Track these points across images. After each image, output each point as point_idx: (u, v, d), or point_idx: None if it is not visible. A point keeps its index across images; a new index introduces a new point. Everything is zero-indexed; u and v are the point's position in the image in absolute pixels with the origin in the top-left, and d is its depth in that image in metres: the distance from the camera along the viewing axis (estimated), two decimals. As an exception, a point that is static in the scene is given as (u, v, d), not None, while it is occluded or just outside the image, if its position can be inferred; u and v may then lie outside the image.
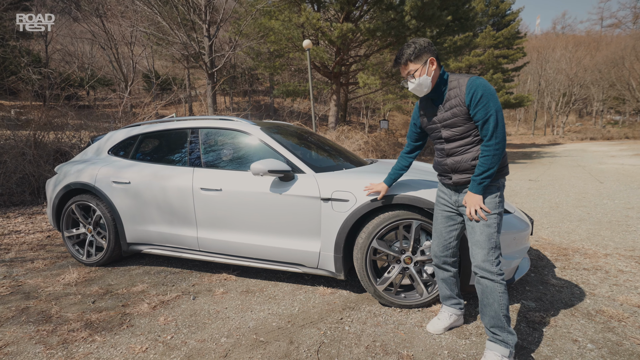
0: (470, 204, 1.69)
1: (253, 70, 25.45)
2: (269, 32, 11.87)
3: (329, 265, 2.41)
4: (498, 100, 1.60)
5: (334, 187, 2.33)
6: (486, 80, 1.64)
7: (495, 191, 1.69)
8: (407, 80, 1.75)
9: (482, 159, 1.62)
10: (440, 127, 1.79)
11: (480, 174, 1.63)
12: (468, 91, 1.61)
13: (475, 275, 1.72)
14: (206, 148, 2.87)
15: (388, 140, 16.07)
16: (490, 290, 1.65)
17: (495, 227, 1.67)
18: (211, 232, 2.70)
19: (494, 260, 1.66)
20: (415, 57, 1.69)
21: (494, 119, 1.58)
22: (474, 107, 1.61)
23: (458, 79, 1.68)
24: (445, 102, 1.72)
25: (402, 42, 12.63)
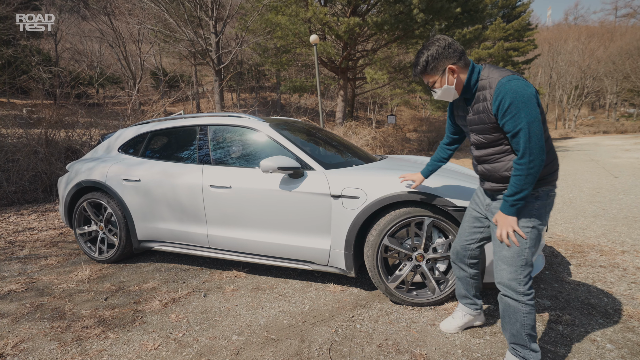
0: (501, 225, 1.50)
1: (260, 67, 25.42)
2: (275, 28, 11.82)
3: (339, 262, 2.39)
4: (534, 107, 1.35)
5: (344, 184, 2.31)
6: (523, 80, 1.37)
7: (532, 200, 1.48)
8: (431, 89, 1.62)
9: (514, 179, 1.41)
10: (469, 130, 1.66)
11: (512, 195, 1.43)
12: (495, 97, 1.39)
13: (499, 290, 1.59)
14: (215, 145, 2.86)
15: (396, 136, 15.91)
16: (513, 310, 1.51)
17: (527, 242, 1.47)
18: (221, 229, 2.70)
19: (522, 279, 1.48)
20: (431, 69, 1.53)
21: (525, 133, 1.34)
22: (501, 117, 1.40)
23: (489, 79, 1.45)
24: (474, 104, 1.53)
25: (410, 35, 12.48)
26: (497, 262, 1.57)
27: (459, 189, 2.14)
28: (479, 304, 1.94)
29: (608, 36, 42.23)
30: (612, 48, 38.21)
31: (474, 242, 1.81)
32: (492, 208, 1.67)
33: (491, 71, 1.48)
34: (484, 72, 1.51)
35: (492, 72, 1.47)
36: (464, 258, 1.85)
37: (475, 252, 1.83)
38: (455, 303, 2.23)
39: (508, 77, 1.39)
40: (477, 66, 1.53)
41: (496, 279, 1.58)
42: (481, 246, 1.82)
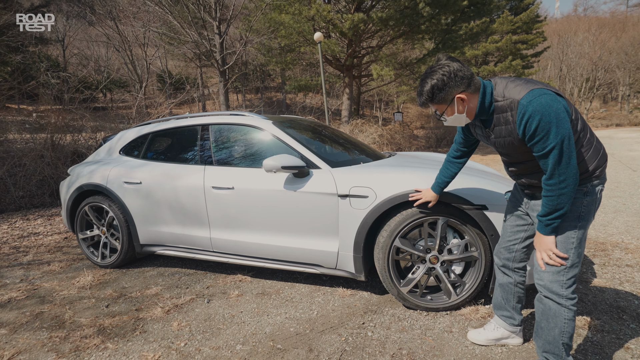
0: (539, 247, 1.37)
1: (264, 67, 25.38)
2: (279, 27, 11.72)
3: (348, 265, 2.27)
4: (563, 123, 1.20)
5: (351, 183, 2.18)
6: (546, 93, 1.22)
7: (580, 197, 1.34)
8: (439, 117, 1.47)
9: (546, 199, 1.30)
10: (495, 148, 1.52)
11: (546, 215, 1.31)
12: (520, 122, 1.26)
13: (538, 292, 1.45)
14: (217, 145, 2.76)
15: (403, 133, 15.72)
16: (554, 314, 1.37)
17: (573, 242, 1.34)
18: (224, 232, 2.60)
19: (565, 281, 1.34)
20: (438, 100, 1.38)
21: (556, 154, 1.22)
22: (528, 140, 1.27)
23: (507, 100, 1.30)
24: (494, 128, 1.40)
25: (415, 31, 12.26)
26: (538, 261, 1.42)
27: (474, 186, 2.00)
28: (518, 319, 1.74)
29: (620, 26, 41.26)
30: (624, 38, 37.32)
31: (519, 241, 1.64)
32: (532, 205, 1.53)
33: (507, 89, 1.33)
34: (498, 90, 1.36)
35: (508, 91, 1.32)
36: (508, 262, 1.68)
37: (521, 254, 1.65)
38: (473, 308, 2.09)
39: (529, 95, 1.24)
40: (488, 86, 1.38)
41: (536, 279, 1.44)
42: (528, 247, 1.65)
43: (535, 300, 1.47)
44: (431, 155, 3.21)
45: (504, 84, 1.35)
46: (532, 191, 1.51)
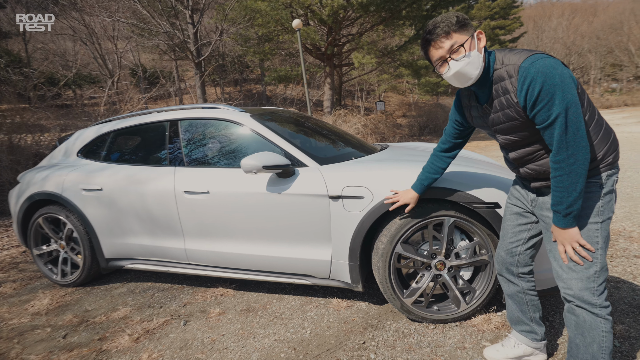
0: (561, 241, 1.19)
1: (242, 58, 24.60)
2: (255, 15, 11.19)
3: (343, 275, 2.01)
4: (570, 88, 1.05)
5: (344, 182, 1.91)
6: (549, 57, 1.08)
7: (596, 190, 1.17)
8: (442, 64, 1.21)
9: (555, 181, 1.12)
10: (493, 132, 1.32)
11: (560, 204, 1.13)
12: (521, 86, 1.10)
13: (566, 302, 1.24)
14: (188, 143, 2.43)
15: (386, 122, 15.57)
16: (589, 327, 1.18)
17: (598, 242, 1.16)
18: (200, 242, 2.29)
19: (597, 287, 1.16)
20: (461, 26, 1.17)
21: (563, 122, 1.06)
22: (531, 108, 1.11)
23: (507, 66, 1.15)
24: (493, 101, 1.23)
25: (396, 17, 11.99)
26: (562, 269, 1.22)
27: (484, 181, 1.76)
28: (540, 333, 1.52)
29: (591, 11, 42.25)
30: (596, 23, 38.25)
31: (521, 242, 1.43)
32: (540, 203, 1.32)
33: (506, 56, 1.17)
34: (497, 58, 1.19)
35: (507, 57, 1.16)
36: (511, 267, 1.47)
37: (524, 257, 1.45)
38: (485, 317, 1.87)
39: (531, 59, 1.09)
40: (490, 52, 1.22)
41: (563, 289, 1.22)
42: (532, 248, 1.44)
43: (565, 312, 1.25)
44: (425, 146, 2.96)
45: (503, 52, 1.20)
46: (540, 184, 1.28)
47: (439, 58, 1.21)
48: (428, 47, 1.23)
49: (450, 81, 1.23)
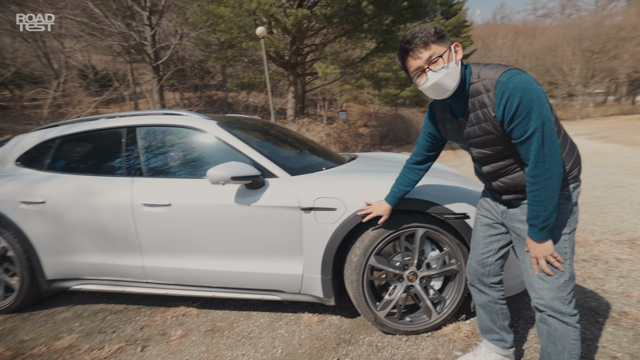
0: (535, 253, 1.21)
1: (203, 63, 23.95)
2: (218, 20, 10.96)
3: (314, 289, 1.95)
4: (544, 104, 1.08)
5: (317, 193, 1.86)
6: (525, 73, 1.11)
7: (564, 202, 1.22)
8: (420, 74, 1.20)
9: (532, 195, 1.14)
10: (467, 145, 1.33)
11: (537, 217, 1.15)
12: (499, 100, 1.11)
13: (537, 312, 1.28)
14: (148, 152, 2.26)
15: (349, 132, 15.84)
16: (560, 336, 1.22)
17: (567, 252, 1.21)
18: (161, 258, 2.12)
19: (566, 297, 1.20)
20: (439, 37, 1.16)
21: (539, 138, 1.08)
22: (508, 123, 1.12)
23: (484, 80, 1.16)
24: (468, 115, 1.23)
25: (359, 29, 12.31)
26: (533, 279, 1.26)
27: (453, 192, 1.80)
28: (509, 340, 1.55)
29: (531, 34, 46.45)
30: (535, 44, 42.01)
31: (492, 253, 1.47)
32: (510, 215, 1.35)
33: (482, 70, 1.18)
34: (473, 71, 1.20)
35: (483, 72, 1.18)
36: (483, 277, 1.50)
37: (495, 267, 1.48)
38: (454, 325, 1.90)
39: (508, 74, 1.11)
40: (466, 65, 1.23)
41: (535, 299, 1.26)
42: (502, 258, 1.48)
43: (537, 322, 1.29)
44: (393, 157, 3.01)
45: (479, 67, 1.21)
46: (511, 197, 1.32)
47: (416, 68, 1.20)
48: (406, 57, 1.21)
49: (427, 92, 1.22)
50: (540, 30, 49.78)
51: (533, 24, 60.32)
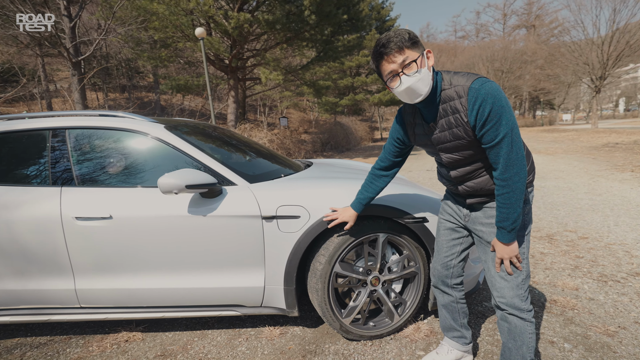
0: (503, 255, 1.28)
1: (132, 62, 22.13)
2: (151, 17, 10.22)
3: (277, 301, 1.87)
4: (511, 110, 1.16)
5: (279, 201, 1.80)
6: (493, 82, 1.18)
7: (524, 205, 1.31)
8: (394, 78, 1.22)
9: (502, 198, 1.21)
10: (436, 151, 1.38)
11: (506, 220, 1.22)
12: (472, 106, 1.16)
13: (499, 310, 1.37)
14: (81, 158, 1.98)
15: (292, 138, 15.85)
16: (520, 332, 1.31)
17: (524, 252, 1.31)
18: (98, 279, 1.86)
19: (523, 294, 1.30)
20: (413, 42, 1.19)
21: (508, 143, 1.15)
22: (480, 128, 1.18)
23: (455, 87, 1.21)
24: (439, 120, 1.28)
25: (301, 38, 12.45)
26: (495, 279, 1.34)
27: (412, 198, 1.87)
28: (468, 336, 1.65)
29: (453, 52, 51.50)
30: (457, 62, 46.55)
31: (455, 256, 1.55)
32: (473, 218, 1.43)
33: (453, 77, 1.25)
34: (445, 78, 1.26)
35: (455, 79, 1.24)
36: (446, 279, 1.58)
37: (458, 269, 1.57)
38: (414, 326, 1.97)
39: (479, 81, 1.18)
40: (437, 72, 1.30)
41: (496, 297, 1.35)
42: (464, 260, 1.57)
43: (498, 320, 1.39)
44: (347, 163, 3.06)
45: (450, 74, 1.27)
46: (475, 200, 1.41)
47: (390, 72, 1.22)
48: (381, 61, 1.23)
49: (400, 96, 1.25)
50: (460, 49, 55.49)
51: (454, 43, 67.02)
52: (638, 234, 3.33)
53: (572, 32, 23.36)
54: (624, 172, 6.89)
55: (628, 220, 3.77)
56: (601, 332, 1.87)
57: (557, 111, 47.45)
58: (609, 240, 3.22)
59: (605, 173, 6.90)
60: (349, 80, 26.37)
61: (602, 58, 20.91)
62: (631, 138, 13.53)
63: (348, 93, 28.24)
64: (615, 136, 15.00)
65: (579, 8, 23.47)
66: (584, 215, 4.07)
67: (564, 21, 33.11)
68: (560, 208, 4.46)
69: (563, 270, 2.66)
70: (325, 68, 21.90)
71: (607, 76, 21.46)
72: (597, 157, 9.31)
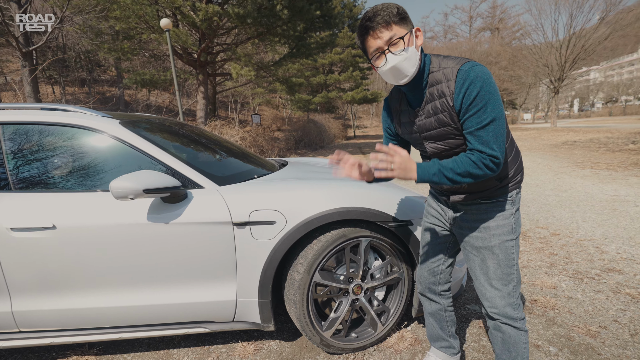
0: (396, 166, 1.08)
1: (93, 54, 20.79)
2: (112, 6, 9.56)
3: (251, 315, 1.70)
4: (500, 100, 1.07)
5: (252, 206, 1.63)
6: (485, 67, 1.08)
7: (509, 207, 1.23)
8: (379, 56, 1.12)
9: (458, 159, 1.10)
10: (421, 139, 1.27)
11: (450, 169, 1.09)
12: (459, 88, 1.07)
13: (490, 320, 1.29)
14: (18, 158, 1.70)
15: (265, 136, 15.52)
16: (514, 342, 1.24)
17: (513, 257, 1.23)
18: (41, 299, 1.61)
19: (515, 302, 1.23)
20: (401, 18, 1.09)
21: (493, 129, 1.06)
22: (464, 112, 1.08)
23: (444, 69, 1.12)
24: (425, 105, 1.18)
25: (273, 33, 12.15)
26: (485, 287, 1.26)
27: (396, 200, 1.76)
28: (457, 346, 1.56)
29: (423, 52, 52.66)
30: (426, 62, 47.67)
31: (442, 261, 1.46)
32: (459, 222, 1.34)
33: (442, 60, 1.15)
34: (434, 62, 1.16)
35: (444, 62, 1.14)
36: (434, 286, 1.48)
37: (445, 275, 1.47)
38: (398, 335, 1.86)
39: (470, 64, 1.08)
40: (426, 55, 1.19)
41: (487, 307, 1.26)
42: (451, 265, 1.47)
43: (491, 330, 1.30)
44: (322, 162, 2.92)
45: (439, 57, 1.17)
46: (458, 198, 1.29)
47: (376, 49, 1.12)
48: (366, 36, 1.12)
49: (385, 76, 1.15)
50: (429, 50, 56.92)
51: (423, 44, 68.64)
52: (605, 230, 3.44)
53: (533, 35, 24.55)
54: (584, 168, 7.24)
55: (594, 216, 3.90)
56: (584, 332, 1.85)
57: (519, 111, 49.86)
58: (579, 237, 3.29)
59: (568, 170, 7.21)
60: (321, 78, 26.28)
61: (560, 61, 22.08)
62: (587, 136, 14.38)
63: (321, 90, 28.13)
64: (573, 134, 15.89)
65: (539, 12, 24.58)
66: (552, 212, 4.18)
67: (526, 24, 34.73)
68: (530, 205, 4.57)
69: (540, 269, 2.67)
70: (298, 65, 21.66)
71: (565, 78, 22.70)
72: (558, 155, 9.76)
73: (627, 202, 4.42)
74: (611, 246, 3.01)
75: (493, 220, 1.24)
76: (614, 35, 21.68)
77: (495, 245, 1.23)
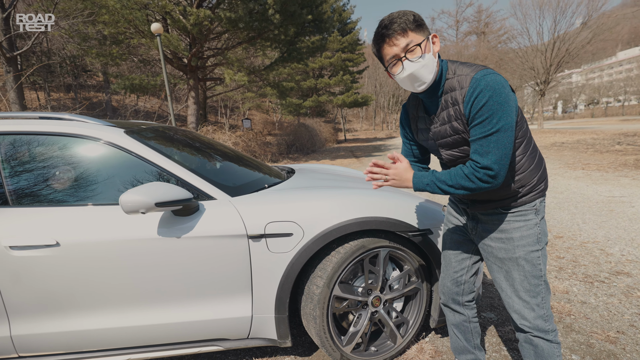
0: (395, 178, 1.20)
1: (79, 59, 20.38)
2: (101, 10, 9.38)
3: (267, 331, 1.63)
4: (511, 111, 1.04)
5: (267, 217, 1.56)
6: (501, 76, 1.06)
7: (533, 217, 1.19)
8: (396, 63, 1.10)
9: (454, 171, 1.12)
10: (436, 147, 1.25)
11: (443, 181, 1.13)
12: (469, 96, 1.06)
13: (521, 333, 1.24)
14: (16, 171, 1.60)
15: (257, 140, 15.41)
16: (547, 355, 1.19)
17: (540, 269, 1.19)
18: (43, 322, 1.51)
19: (546, 314, 1.19)
20: (417, 25, 1.08)
21: (496, 140, 1.04)
22: (471, 120, 1.07)
23: (459, 77, 1.11)
24: (441, 112, 1.17)
25: (264, 37, 12.11)
26: (513, 300, 1.22)
27: (414, 208, 1.72)
28: (482, 358, 1.52)
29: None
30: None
31: (466, 271, 1.41)
32: (480, 232, 1.30)
33: (458, 67, 1.14)
34: (450, 67, 1.15)
35: (460, 69, 1.13)
36: (457, 296, 1.44)
37: (469, 285, 1.43)
38: (418, 347, 1.81)
39: (483, 72, 1.06)
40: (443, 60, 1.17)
41: (517, 320, 1.22)
42: (475, 274, 1.43)
43: (521, 343, 1.26)
44: (329, 169, 2.87)
45: (455, 64, 1.17)
46: (477, 209, 1.27)
47: (393, 56, 1.10)
48: (382, 44, 1.11)
49: (403, 83, 1.13)
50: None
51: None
52: (606, 231, 3.46)
53: (519, 38, 25.07)
54: (576, 169, 7.36)
55: (593, 218, 3.94)
56: (603, 339, 1.83)
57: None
58: (582, 239, 3.31)
59: (560, 171, 7.32)
60: (312, 82, 26.31)
61: (546, 64, 22.60)
62: (574, 137, 14.70)
63: (311, 94, 28.17)
64: (560, 136, 16.23)
65: (524, 17, 25.23)
66: (553, 214, 4.20)
67: (511, 28, 35.50)
68: (529, 207, 4.59)
69: (549, 273, 2.66)
70: (289, 69, 21.66)
71: (550, 80, 23.23)
72: (549, 156, 9.92)
73: (623, 203, 4.48)
74: (615, 248, 3.03)
75: (517, 230, 1.20)
76: (596, 40, 22.32)
77: (520, 256, 1.19)
